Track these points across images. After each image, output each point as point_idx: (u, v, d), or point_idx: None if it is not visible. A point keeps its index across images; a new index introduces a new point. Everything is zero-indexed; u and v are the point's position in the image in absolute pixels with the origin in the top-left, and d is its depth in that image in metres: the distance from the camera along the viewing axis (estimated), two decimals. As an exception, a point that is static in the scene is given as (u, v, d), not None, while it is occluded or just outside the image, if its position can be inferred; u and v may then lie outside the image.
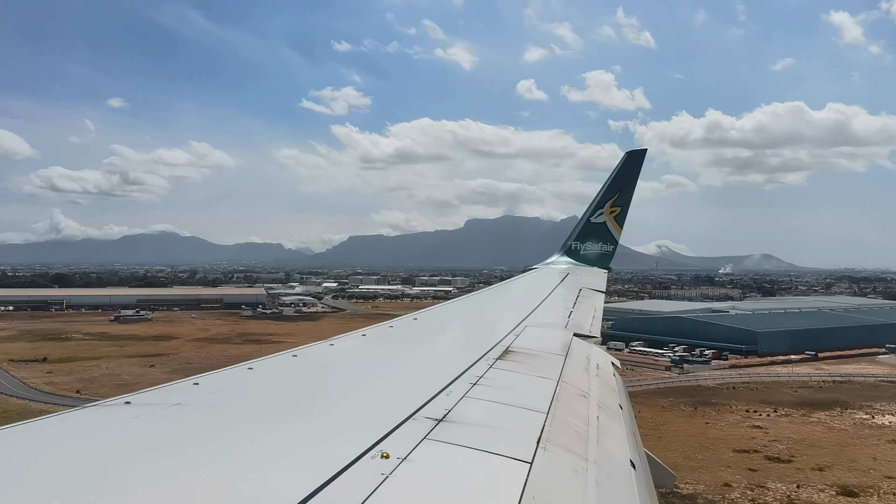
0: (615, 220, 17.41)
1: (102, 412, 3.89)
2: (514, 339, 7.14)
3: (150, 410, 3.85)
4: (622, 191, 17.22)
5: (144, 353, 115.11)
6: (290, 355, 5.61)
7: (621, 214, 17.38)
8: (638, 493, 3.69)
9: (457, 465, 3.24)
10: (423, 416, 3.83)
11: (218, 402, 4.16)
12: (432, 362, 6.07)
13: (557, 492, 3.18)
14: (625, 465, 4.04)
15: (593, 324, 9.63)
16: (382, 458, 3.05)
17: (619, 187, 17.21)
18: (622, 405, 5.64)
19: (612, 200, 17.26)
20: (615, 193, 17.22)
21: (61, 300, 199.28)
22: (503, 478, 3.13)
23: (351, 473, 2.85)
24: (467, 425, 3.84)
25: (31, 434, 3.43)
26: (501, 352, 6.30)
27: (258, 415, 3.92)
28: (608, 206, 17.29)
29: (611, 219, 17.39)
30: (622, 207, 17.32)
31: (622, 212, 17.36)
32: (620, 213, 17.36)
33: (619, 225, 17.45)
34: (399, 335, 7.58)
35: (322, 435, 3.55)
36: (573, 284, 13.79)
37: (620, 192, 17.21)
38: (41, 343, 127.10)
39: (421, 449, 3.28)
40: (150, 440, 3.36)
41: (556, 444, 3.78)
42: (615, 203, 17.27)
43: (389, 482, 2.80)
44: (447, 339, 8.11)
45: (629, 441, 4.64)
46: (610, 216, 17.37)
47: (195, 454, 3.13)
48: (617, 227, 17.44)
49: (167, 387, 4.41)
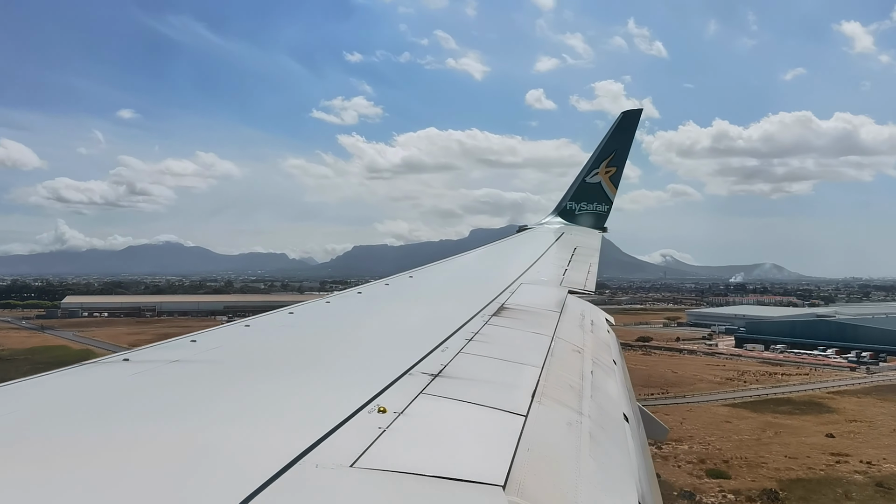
0: (610, 181, 17.34)
1: (101, 369, 3.91)
2: (509, 296, 7.17)
3: (148, 367, 3.86)
4: (617, 151, 17.11)
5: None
6: (286, 312, 5.62)
7: (616, 174, 17.30)
8: (631, 445, 3.75)
9: (453, 418, 3.27)
10: (420, 372, 3.86)
11: (216, 358, 4.18)
12: (428, 319, 6.10)
13: (552, 444, 3.22)
14: (618, 418, 4.10)
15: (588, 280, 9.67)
16: (379, 412, 3.08)
17: (615, 147, 17.10)
18: (616, 360, 5.70)
19: (607, 160, 17.17)
20: (610, 153, 17.12)
21: (153, 306, 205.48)
22: (498, 431, 3.17)
23: (348, 427, 2.87)
24: (463, 380, 3.87)
25: (30, 391, 3.45)
26: (497, 308, 6.33)
27: (256, 371, 3.94)
28: (603, 166, 17.20)
29: (606, 179, 17.31)
30: (617, 167, 17.24)
31: (617, 172, 17.28)
32: (616, 173, 17.29)
33: (615, 185, 17.38)
34: (395, 293, 7.60)
35: (319, 390, 3.58)
36: (568, 243, 13.80)
37: (616, 152, 17.10)
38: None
39: (417, 403, 3.31)
40: (148, 396, 3.38)
41: (551, 397, 3.82)
42: (610, 163, 17.18)
43: (386, 435, 2.83)
44: (443, 296, 8.14)
45: (623, 395, 4.70)
46: (605, 176, 17.29)
47: (193, 409, 3.15)
48: (612, 186, 17.38)
49: (165, 344, 4.42)
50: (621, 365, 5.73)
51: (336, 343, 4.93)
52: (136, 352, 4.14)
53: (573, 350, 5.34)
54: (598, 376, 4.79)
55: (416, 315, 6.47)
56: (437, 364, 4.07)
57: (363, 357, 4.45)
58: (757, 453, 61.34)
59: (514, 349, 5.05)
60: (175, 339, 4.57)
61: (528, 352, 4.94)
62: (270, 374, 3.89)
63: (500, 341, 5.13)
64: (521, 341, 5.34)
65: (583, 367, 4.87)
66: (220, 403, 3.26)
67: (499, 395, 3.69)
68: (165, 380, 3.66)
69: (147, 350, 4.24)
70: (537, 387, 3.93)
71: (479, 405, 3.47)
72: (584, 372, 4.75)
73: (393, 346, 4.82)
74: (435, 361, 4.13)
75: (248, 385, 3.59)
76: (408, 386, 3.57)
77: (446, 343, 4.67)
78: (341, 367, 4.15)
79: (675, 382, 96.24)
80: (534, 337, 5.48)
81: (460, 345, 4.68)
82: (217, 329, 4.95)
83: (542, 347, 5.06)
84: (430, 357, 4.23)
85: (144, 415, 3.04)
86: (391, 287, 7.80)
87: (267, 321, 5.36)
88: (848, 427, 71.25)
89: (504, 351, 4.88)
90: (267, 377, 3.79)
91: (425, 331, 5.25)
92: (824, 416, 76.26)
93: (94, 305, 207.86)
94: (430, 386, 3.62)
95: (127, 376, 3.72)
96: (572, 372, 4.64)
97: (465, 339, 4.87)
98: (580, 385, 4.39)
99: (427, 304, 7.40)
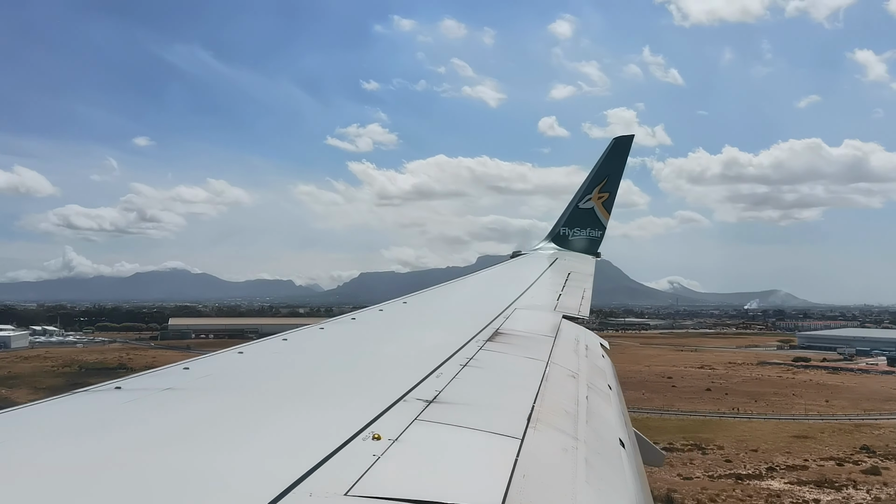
0: (603, 206, 17.45)
1: (92, 398, 3.87)
2: (503, 321, 7.17)
3: (140, 395, 3.83)
4: (610, 176, 17.25)
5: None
6: (280, 339, 5.60)
7: (609, 200, 17.42)
8: (627, 471, 3.73)
9: (447, 444, 3.26)
10: (414, 398, 3.84)
11: (208, 385, 4.15)
12: (422, 345, 6.08)
13: (548, 470, 3.20)
14: (614, 443, 4.08)
15: (582, 306, 9.68)
16: (374, 439, 3.06)
17: (607, 173, 17.24)
18: (611, 385, 5.69)
19: (599, 186, 17.30)
20: (603, 179, 17.25)
21: (256, 328, 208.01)
22: (494, 456, 3.15)
23: (343, 455, 2.85)
24: (458, 406, 3.85)
25: (19, 420, 3.41)
26: (491, 333, 6.32)
27: (249, 398, 3.91)
28: (596, 192, 17.32)
29: (599, 204, 17.42)
30: (610, 193, 17.36)
31: (610, 197, 17.40)
32: (608, 198, 17.40)
33: (608, 210, 17.49)
34: (389, 319, 7.58)
35: (313, 417, 3.56)
36: (562, 269, 13.83)
37: (608, 177, 17.24)
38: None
39: (412, 430, 3.29)
40: (140, 424, 3.34)
41: (546, 423, 3.80)
42: (603, 189, 17.30)
43: (381, 462, 2.81)
44: (437, 321, 8.12)
45: (618, 420, 4.69)
46: (598, 202, 17.40)
47: (185, 438, 3.12)
48: (605, 212, 17.49)
49: (157, 371, 4.39)
50: (616, 390, 5.71)
51: (330, 369, 4.91)
52: (129, 380, 4.11)
53: (568, 375, 5.32)
54: (593, 401, 4.77)
55: (410, 341, 6.45)
56: (431, 390, 4.06)
57: (357, 383, 4.43)
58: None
59: (509, 374, 5.04)
60: (168, 366, 4.55)
61: (522, 377, 4.93)
62: (264, 401, 3.86)
63: (495, 367, 5.12)
64: (515, 366, 5.32)
65: (578, 393, 4.86)
66: (213, 432, 3.23)
67: (494, 421, 3.67)
68: (157, 408, 3.63)
69: (139, 378, 4.21)
70: (532, 412, 3.91)
71: (474, 431, 3.45)
72: (579, 397, 4.74)
73: (387, 373, 4.80)
74: (429, 387, 4.12)
75: (241, 413, 3.57)
76: (402, 412, 3.55)
77: (441, 369, 4.66)
78: (335, 393, 4.13)
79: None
80: (528, 362, 5.47)
81: (455, 370, 4.67)
82: (210, 356, 4.91)
83: (537, 373, 5.05)
84: (424, 383, 4.21)
85: (135, 444, 3.00)
86: (385, 313, 7.79)
87: (260, 348, 5.33)
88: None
89: (499, 376, 4.86)
90: (260, 405, 3.77)
91: (420, 356, 5.24)
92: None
93: (200, 327, 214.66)
94: (424, 412, 3.61)
95: (119, 404, 3.68)
96: (567, 397, 4.63)
97: (460, 365, 4.86)
98: (575, 410, 4.37)
99: (421, 329, 7.38)
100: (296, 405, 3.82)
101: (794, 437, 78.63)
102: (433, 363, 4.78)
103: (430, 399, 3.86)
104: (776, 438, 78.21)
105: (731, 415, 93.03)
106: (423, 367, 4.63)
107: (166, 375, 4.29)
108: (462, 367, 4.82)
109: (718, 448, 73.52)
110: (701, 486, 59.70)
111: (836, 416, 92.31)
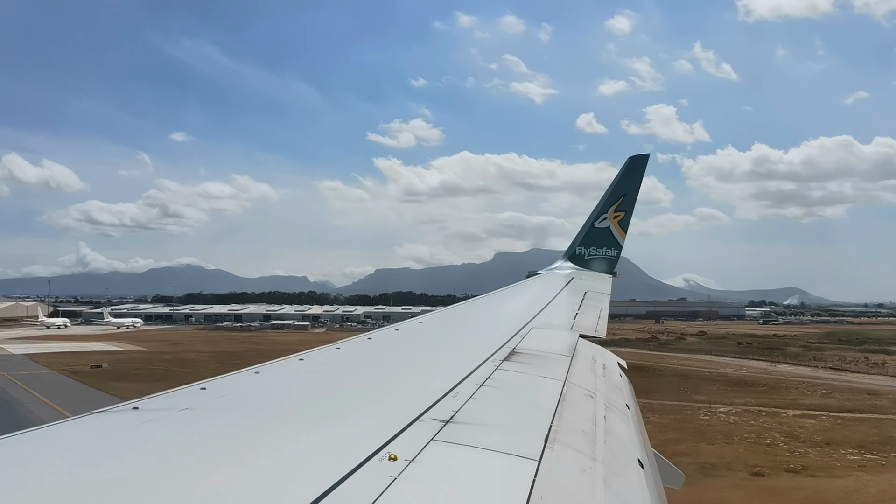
0: (619, 225, 17.40)
1: (110, 418, 3.90)
2: (519, 340, 7.13)
3: (157, 416, 3.85)
4: (626, 195, 17.22)
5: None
6: (296, 359, 5.61)
7: (625, 219, 17.37)
8: (646, 492, 3.67)
9: (464, 465, 3.23)
10: (431, 418, 3.82)
11: (225, 406, 4.16)
12: (439, 364, 6.06)
13: (565, 491, 3.17)
14: (633, 464, 4.02)
15: (599, 325, 9.61)
16: (390, 459, 3.05)
17: (623, 192, 17.21)
18: (629, 405, 5.62)
19: (615, 205, 17.27)
20: (619, 198, 17.23)
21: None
22: (511, 478, 3.12)
23: (359, 476, 2.84)
24: (474, 426, 3.83)
25: (36, 441, 3.44)
26: (508, 353, 6.29)
27: (266, 418, 3.92)
28: (612, 211, 17.29)
29: (615, 223, 17.38)
30: (626, 212, 17.32)
31: (626, 216, 17.36)
32: (624, 217, 17.36)
33: (623, 230, 17.44)
34: (405, 338, 7.57)
35: (330, 438, 3.55)
36: (578, 288, 13.77)
37: (624, 196, 17.21)
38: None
39: (428, 450, 3.27)
40: (158, 446, 3.36)
41: (564, 443, 3.77)
42: (619, 208, 17.27)
43: (398, 484, 2.79)
44: (453, 341, 8.10)
45: (637, 440, 4.63)
46: (614, 221, 17.36)
47: (204, 459, 3.13)
48: (621, 231, 17.43)
49: (174, 392, 4.41)
50: (634, 409, 5.65)
51: (346, 389, 4.90)
52: (146, 400, 4.13)
53: (585, 394, 5.28)
54: (611, 421, 4.72)
55: (426, 360, 6.44)
56: (448, 410, 4.04)
57: (374, 404, 4.42)
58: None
59: (526, 394, 5.00)
60: (184, 387, 4.57)
61: (539, 397, 4.89)
62: (281, 421, 3.86)
63: (512, 386, 5.09)
64: (532, 386, 5.28)
65: (595, 412, 4.81)
66: (230, 452, 3.24)
67: (511, 441, 3.64)
68: (175, 429, 3.64)
69: (156, 398, 4.23)
70: (549, 432, 3.88)
71: (491, 451, 3.42)
72: (596, 417, 4.69)
73: (403, 393, 4.79)
74: (446, 407, 4.10)
75: (258, 433, 3.57)
76: (419, 433, 3.53)
77: (457, 388, 4.64)
78: (352, 414, 4.12)
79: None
80: (545, 382, 5.43)
81: (471, 390, 4.64)
82: (227, 376, 4.94)
83: (554, 392, 5.01)
84: (440, 403, 4.19)
85: (154, 464, 3.02)
86: (401, 332, 7.79)
87: (277, 367, 5.35)
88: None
89: (516, 396, 4.83)
90: (277, 425, 3.77)
91: (436, 376, 5.22)
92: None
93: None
94: (441, 432, 3.59)
95: (136, 425, 3.70)
96: (585, 417, 4.58)
97: (477, 385, 4.83)
98: (593, 430, 4.33)
99: (437, 349, 7.37)
100: (312, 425, 3.82)
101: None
102: (449, 383, 4.76)
103: (447, 419, 3.84)
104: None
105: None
106: (440, 386, 4.62)
107: (183, 396, 4.31)
108: (479, 386, 4.80)
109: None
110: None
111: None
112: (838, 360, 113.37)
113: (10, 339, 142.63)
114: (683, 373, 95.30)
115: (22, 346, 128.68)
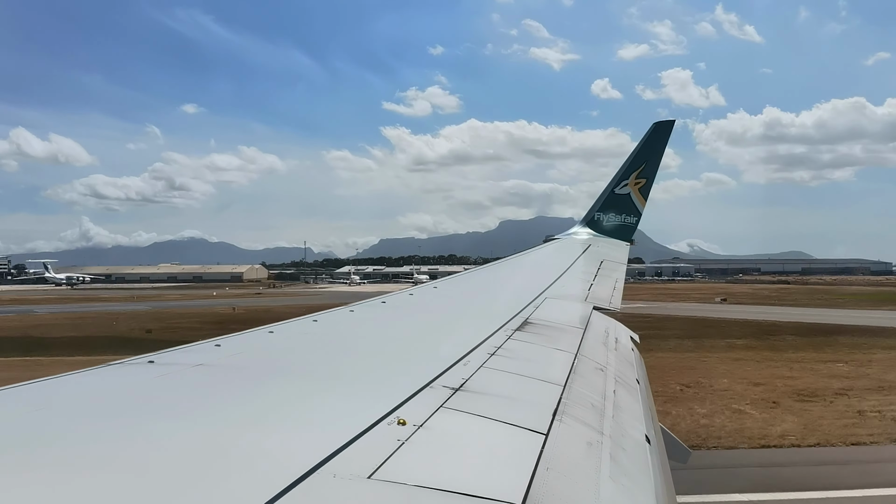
0: (640, 192, 17.17)
1: (126, 370, 3.97)
2: (533, 310, 7.12)
3: (172, 370, 3.91)
4: (648, 162, 16.95)
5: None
6: (310, 320, 5.65)
7: (646, 186, 17.13)
8: (652, 467, 3.69)
9: (472, 433, 3.25)
10: (441, 385, 3.84)
11: (239, 363, 4.22)
12: (451, 331, 6.08)
13: (572, 464, 3.18)
14: (640, 439, 4.03)
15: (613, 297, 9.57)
16: (399, 424, 3.07)
17: (645, 158, 16.93)
18: (639, 380, 5.62)
19: (637, 172, 17.01)
20: (641, 165, 16.96)
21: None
22: (518, 448, 3.14)
23: (368, 438, 2.87)
24: (484, 395, 3.85)
25: (55, 390, 3.51)
26: (520, 323, 6.29)
27: (278, 377, 3.96)
28: (633, 178, 17.04)
29: (635, 190, 17.15)
30: (647, 179, 17.07)
31: (647, 183, 17.10)
32: (645, 184, 17.11)
33: (644, 197, 17.21)
34: (418, 303, 7.60)
35: (340, 399, 3.58)
36: (595, 256, 13.68)
37: (646, 163, 16.93)
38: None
39: (437, 417, 3.29)
40: (171, 398, 3.42)
41: (572, 416, 3.78)
42: (640, 174, 17.01)
43: (405, 448, 2.82)
44: (466, 308, 8.10)
45: (645, 416, 4.63)
46: (635, 188, 17.12)
47: (214, 413, 3.17)
48: (641, 198, 17.20)
49: (189, 347, 4.47)
50: (644, 384, 5.64)
51: (358, 352, 4.94)
52: (161, 354, 4.19)
53: (596, 368, 5.28)
54: (620, 396, 4.72)
55: (438, 327, 6.45)
56: (458, 378, 4.05)
57: (385, 368, 4.45)
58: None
59: (537, 365, 5.01)
60: (199, 342, 4.63)
61: (550, 369, 4.90)
62: (292, 381, 3.90)
63: (523, 357, 5.09)
64: (543, 358, 5.29)
65: (605, 386, 4.81)
66: (242, 408, 3.28)
67: (519, 412, 3.66)
68: (189, 383, 3.70)
69: (171, 353, 4.29)
70: (559, 405, 3.89)
71: (499, 421, 3.44)
72: (606, 391, 4.69)
73: (415, 358, 4.81)
74: (456, 375, 4.11)
75: (270, 391, 3.61)
76: (428, 399, 3.55)
77: (468, 357, 4.65)
78: (362, 377, 4.16)
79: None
80: (557, 354, 5.43)
81: (482, 359, 4.66)
82: (241, 334, 4.99)
83: (565, 365, 5.01)
84: (451, 371, 4.21)
85: (166, 417, 3.07)
86: (415, 297, 7.81)
87: (291, 328, 5.39)
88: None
89: (526, 367, 4.84)
90: (289, 384, 3.81)
91: (447, 344, 5.24)
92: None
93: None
94: (450, 400, 3.61)
95: (151, 378, 3.77)
96: (594, 391, 4.59)
97: (488, 354, 4.84)
98: (602, 404, 4.33)
99: (450, 316, 7.38)
100: (323, 386, 3.86)
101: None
102: (461, 351, 4.77)
103: (457, 387, 3.86)
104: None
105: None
106: (451, 354, 4.63)
107: (198, 351, 4.37)
108: (490, 356, 4.81)
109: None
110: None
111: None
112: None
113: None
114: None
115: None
